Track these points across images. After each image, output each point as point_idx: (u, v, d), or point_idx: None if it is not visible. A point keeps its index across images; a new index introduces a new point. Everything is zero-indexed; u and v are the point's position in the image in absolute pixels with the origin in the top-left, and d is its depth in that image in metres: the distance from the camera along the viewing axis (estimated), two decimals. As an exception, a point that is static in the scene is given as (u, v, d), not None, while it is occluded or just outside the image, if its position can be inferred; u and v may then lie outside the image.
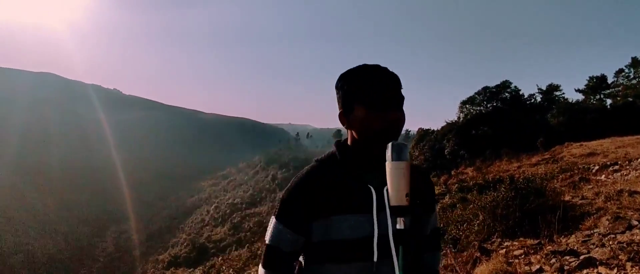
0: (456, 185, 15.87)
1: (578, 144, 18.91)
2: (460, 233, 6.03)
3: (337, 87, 0.95)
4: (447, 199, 13.86)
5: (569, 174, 12.22)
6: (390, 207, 0.81)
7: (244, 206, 53.62)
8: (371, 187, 0.87)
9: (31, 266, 39.29)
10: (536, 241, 3.97)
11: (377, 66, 0.90)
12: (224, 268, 22.76)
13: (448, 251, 4.85)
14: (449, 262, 3.96)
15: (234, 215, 48.71)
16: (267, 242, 0.94)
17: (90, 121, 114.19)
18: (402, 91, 0.91)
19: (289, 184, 0.94)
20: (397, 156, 0.78)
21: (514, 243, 4.20)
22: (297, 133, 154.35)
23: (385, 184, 0.82)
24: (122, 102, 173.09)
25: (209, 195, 69.48)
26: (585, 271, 2.86)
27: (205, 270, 26.76)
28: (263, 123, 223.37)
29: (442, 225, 7.42)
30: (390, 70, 0.91)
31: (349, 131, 0.96)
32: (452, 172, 22.86)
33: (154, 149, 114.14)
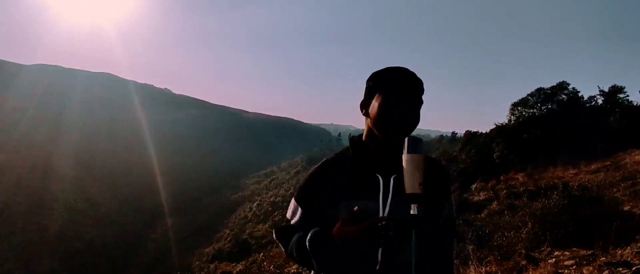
0: (505, 191, 15.17)
1: (643, 150, 17.33)
2: (507, 241, 5.80)
3: (367, 81, 1.06)
4: (494, 206, 13.29)
5: (630, 182, 11.28)
6: (405, 194, 0.86)
7: (285, 204, 54.60)
8: (379, 176, 0.95)
9: (89, 253, 42.60)
10: (589, 252, 3.75)
11: (403, 68, 1.01)
12: (264, 264, 23.32)
13: (492, 258, 4.69)
14: (492, 269, 3.84)
15: (275, 213, 49.71)
16: (288, 217, 1.10)
17: (143, 119, 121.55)
18: (423, 96, 1.01)
19: (308, 172, 1.08)
20: (413, 149, 0.85)
21: (565, 252, 3.99)
22: (339, 133, 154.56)
23: (393, 173, 0.94)
24: (172, 101, 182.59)
25: (251, 192, 71.49)
26: (642, 285, 2.68)
27: (247, 265, 27.54)
28: (305, 123, 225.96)
29: (487, 231, 7.17)
30: (417, 76, 1.00)
31: (366, 120, 1.07)
32: (501, 178, 21.78)
33: (201, 147, 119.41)
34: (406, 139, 0.87)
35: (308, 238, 0.92)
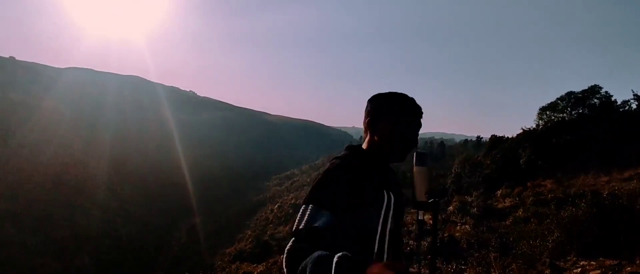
0: (531, 198, 14.75)
1: (683, 158, 16.43)
2: (532, 249, 5.68)
3: (371, 100, 1.17)
4: (520, 213, 12.93)
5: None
6: (414, 202, 1.02)
7: (305, 207, 54.73)
8: (385, 192, 1.05)
9: (117, 251, 44.10)
10: (616, 262, 3.65)
11: (409, 96, 1.13)
12: (286, 265, 23.44)
13: (515, 266, 4.62)
14: (515, 277, 3.79)
15: (296, 215, 49.88)
16: (316, 226, 1.06)
17: (169, 121, 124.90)
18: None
19: (326, 175, 1.09)
20: (421, 162, 1.03)
21: (592, 262, 3.89)
22: (361, 136, 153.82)
23: (390, 188, 1.07)
24: (197, 104, 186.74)
25: (273, 194, 72.12)
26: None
27: (268, 266, 27.80)
28: (326, 126, 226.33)
29: (511, 239, 7.03)
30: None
31: (370, 136, 1.17)
32: (528, 184, 21.13)
33: (224, 148, 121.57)
34: (415, 153, 1.03)
35: (337, 258, 0.79)
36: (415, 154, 1.07)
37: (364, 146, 1.20)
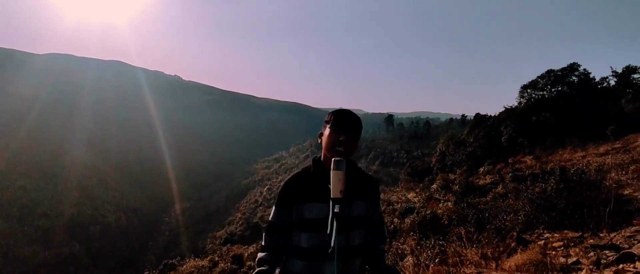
0: (510, 174, 15.23)
1: (656, 132, 17.09)
2: (507, 224, 5.98)
3: (325, 119, 1.52)
4: (500, 189, 13.36)
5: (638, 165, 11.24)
6: (330, 198, 1.35)
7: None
8: (329, 187, 1.37)
9: (107, 237, 43.98)
10: (578, 234, 3.92)
11: (347, 110, 1.50)
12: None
13: (483, 239, 4.89)
14: (486, 251, 4.04)
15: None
16: (270, 220, 1.52)
17: (154, 106, 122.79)
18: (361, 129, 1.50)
19: (283, 183, 1.50)
20: (337, 167, 1.33)
21: (555, 235, 4.16)
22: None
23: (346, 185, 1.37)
24: (182, 88, 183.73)
25: (261, 177, 72.37)
26: (621, 266, 2.85)
27: (258, 248, 28.20)
28: (313, 107, 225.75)
29: (487, 215, 7.35)
30: (355, 115, 1.49)
31: (322, 145, 1.51)
32: (509, 161, 21.77)
33: (211, 133, 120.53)
34: (333, 160, 1.34)
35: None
36: (332, 160, 1.34)
37: (322, 155, 1.53)
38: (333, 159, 1.35)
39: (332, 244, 1.36)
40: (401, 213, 14.23)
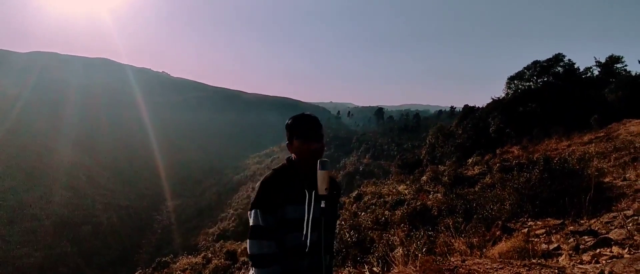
0: (498, 165, 15.52)
1: (638, 120, 17.52)
2: (493, 213, 6.14)
3: (286, 125, 1.66)
4: (487, 179, 13.63)
5: (623, 153, 11.56)
6: (316, 195, 1.50)
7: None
8: (306, 191, 1.53)
9: (99, 237, 43.54)
10: (560, 221, 4.08)
11: (309, 115, 1.64)
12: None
13: (468, 228, 5.04)
14: (472, 240, 4.18)
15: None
16: (260, 224, 1.52)
17: (142, 103, 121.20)
18: (323, 130, 1.63)
19: (260, 186, 1.55)
20: (322, 167, 1.48)
21: (538, 222, 4.32)
22: (338, 111, 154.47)
23: (312, 187, 1.54)
24: (171, 85, 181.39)
25: (253, 173, 72.23)
26: (598, 250, 3.00)
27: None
28: (303, 102, 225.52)
29: (475, 206, 7.53)
30: (316, 117, 1.63)
31: (291, 152, 1.65)
32: (497, 151, 22.16)
33: (201, 129, 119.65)
34: (318, 161, 1.50)
35: None
36: (318, 161, 1.49)
37: (293, 158, 1.65)
38: (319, 160, 1.50)
39: (307, 243, 1.51)
40: (392, 205, 14.42)
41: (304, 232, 1.50)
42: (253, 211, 1.54)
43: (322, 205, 1.49)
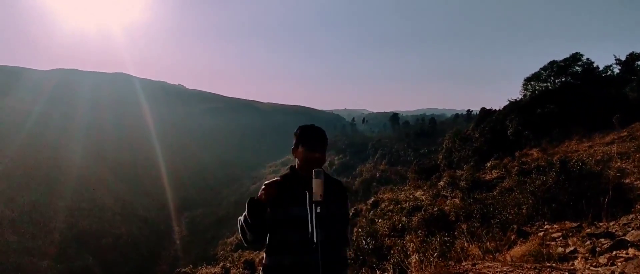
0: (516, 168, 15.23)
1: (662, 119, 16.96)
2: (510, 217, 6.07)
3: (294, 133, 1.84)
4: (506, 183, 13.39)
5: (644, 153, 11.21)
6: (311, 201, 1.67)
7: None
8: (307, 193, 1.71)
9: (119, 248, 44.42)
10: (577, 224, 4.03)
11: (317, 127, 1.84)
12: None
13: (485, 235, 5.00)
14: (488, 245, 4.16)
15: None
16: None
17: (159, 115, 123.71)
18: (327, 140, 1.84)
19: (265, 188, 1.73)
20: (317, 176, 1.64)
21: (554, 226, 4.26)
22: (353, 118, 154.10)
23: (311, 190, 1.69)
24: (186, 97, 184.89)
25: (270, 178, 72.53)
26: (614, 252, 2.97)
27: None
28: (317, 109, 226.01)
29: (492, 210, 7.43)
30: (323, 132, 1.83)
31: (296, 159, 1.84)
32: (516, 154, 21.71)
33: (216, 139, 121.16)
34: (313, 170, 1.66)
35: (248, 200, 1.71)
36: (313, 171, 1.66)
37: (296, 165, 1.85)
38: (314, 170, 1.67)
39: (314, 240, 1.67)
40: (409, 212, 14.30)
41: (310, 229, 1.68)
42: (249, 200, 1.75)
43: (318, 210, 1.68)
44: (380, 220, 14.49)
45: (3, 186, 45.55)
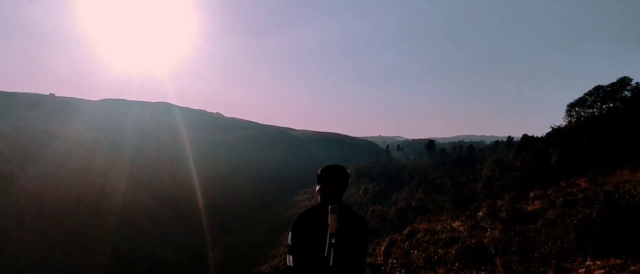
0: (561, 199, 14.41)
1: None
2: (551, 252, 5.78)
3: (316, 174, 2.23)
4: (550, 214, 12.67)
5: None
6: (329, 232, 1.93)
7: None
8: (325, 223, 1.99)
9: (156, 271, 45.62)
10: (621, 261, 3.81)
11: (331, 167, 2.23)
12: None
13: (523, 271, 4.79)
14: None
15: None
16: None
17: (197, 142, 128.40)
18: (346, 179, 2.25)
19: (294, 220, 2.17)
20: (331, 212, 1.94)
21: (597, 262, 4.04)
22: (387, 145, 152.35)
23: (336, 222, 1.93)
24: (224, 124, 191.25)
25: (303, 208, 72.30)
26: (661, 293, 2.80)
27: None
28: (351, 136, 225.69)
29: (532, 243, 7.08)
30: (339, 169, 2.23)
31: (317, 194, 2.20)
32: (562, 184, 20.51)
33: (251, 166, 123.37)
34: (329, 207, 1.97)
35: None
36: (329, 207, 1.96)
37: (318, 199, 2.22)
38: (329, 206, 1.97)
39: (330, 263, 1.90)
40: (445, 243, 13.79)
41: (325, 254, 1.93)
42: (288, 234, 2.18)
43: (333, 240, 1.93)
44: (415, 251, 14.05)
45: (56, 210, 48.49)
